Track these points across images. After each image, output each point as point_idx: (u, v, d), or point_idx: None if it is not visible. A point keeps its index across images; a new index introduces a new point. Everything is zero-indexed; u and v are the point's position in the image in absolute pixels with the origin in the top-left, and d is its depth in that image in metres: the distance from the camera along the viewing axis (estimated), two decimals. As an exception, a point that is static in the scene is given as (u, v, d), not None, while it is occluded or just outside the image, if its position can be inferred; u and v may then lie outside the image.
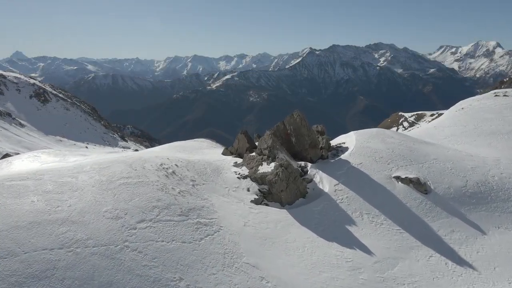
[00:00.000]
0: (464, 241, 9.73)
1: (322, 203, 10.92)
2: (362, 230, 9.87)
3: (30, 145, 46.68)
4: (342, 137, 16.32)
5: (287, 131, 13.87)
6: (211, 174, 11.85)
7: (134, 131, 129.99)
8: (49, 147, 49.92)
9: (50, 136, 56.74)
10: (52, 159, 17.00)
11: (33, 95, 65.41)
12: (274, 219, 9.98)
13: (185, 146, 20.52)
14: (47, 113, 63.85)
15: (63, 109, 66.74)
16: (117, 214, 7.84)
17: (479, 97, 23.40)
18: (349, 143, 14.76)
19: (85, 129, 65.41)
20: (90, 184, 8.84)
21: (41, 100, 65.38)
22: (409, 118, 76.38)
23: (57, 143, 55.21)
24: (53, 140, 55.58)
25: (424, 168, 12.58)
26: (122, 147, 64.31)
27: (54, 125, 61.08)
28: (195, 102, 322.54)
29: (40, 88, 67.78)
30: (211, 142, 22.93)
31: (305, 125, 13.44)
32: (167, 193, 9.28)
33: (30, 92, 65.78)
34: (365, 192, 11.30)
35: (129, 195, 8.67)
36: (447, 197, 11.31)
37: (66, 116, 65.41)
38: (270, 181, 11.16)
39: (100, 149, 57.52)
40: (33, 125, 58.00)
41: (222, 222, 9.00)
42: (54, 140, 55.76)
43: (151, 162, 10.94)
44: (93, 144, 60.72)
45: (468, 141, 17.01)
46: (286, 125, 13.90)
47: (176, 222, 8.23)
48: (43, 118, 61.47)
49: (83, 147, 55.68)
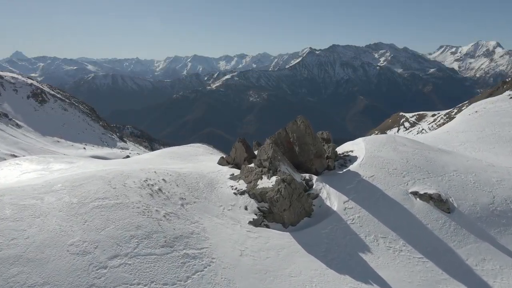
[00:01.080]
0: (498, 272, 8.32)
1: (330, 224, 9.51)
2: (379, 259, 8.46)
3: (26, 146, 45.39)
4: (349, 144, 14.91)
5: (290, 139, 12.45)
6: (204, 189, 10.44)
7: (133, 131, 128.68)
8: (46, 148, 48.56)
9: (47, 137, 55.37)
10: (34, 167, 15.57)
11: (31, 96, 64.01)
12: (275, 245, 8.56)
13: (179, 153, 19.11)
14: (44, 113, 62.46)
15: (61, 110, 65.36)
16: (84, 248, 6.43)
17: (493, 99, 21.99)
18: (357, 152, 13.35)
19: (83, 129, 64.03)
20: (57, 208, 7.42)
21: (39, 101, 63.99)
22: (410, 119, 75.05)
23: (54, 144, 53.88)
24: (50, 141, 54.23)
25: (444, 181, 11.17)
26: (121, 148, 63.00)
27: (51, 125, 59.70)
28: (195, 102, 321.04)
29: (37, 88, 66.39)
30: (207, 147, 21.54)
31: (310, 133, 12.02)
32: (149, 217, 7.86)
33: (27, 92, 64.38)
34: (379, 211, 9.89)
35: (103, 221, 7.26)
36: (473, 217, 9.90)
37: (64, 117, 64.03)
38: (271, 198, 9.75)
39: (98, 150, 56.19)
40: (30, 126, 56.62)
41: (214, 252, 7.59)
42: (51, 141, 54.41)
43: (134, 177, 9.52)
44: (91, 145, 59.40)
45: (487, 148, 15.61)
46: (289, 132, 12.48)
47: (158, 256, 6.82)
48: (40, 119, 60.10)
49: (81, 148, 54.40)
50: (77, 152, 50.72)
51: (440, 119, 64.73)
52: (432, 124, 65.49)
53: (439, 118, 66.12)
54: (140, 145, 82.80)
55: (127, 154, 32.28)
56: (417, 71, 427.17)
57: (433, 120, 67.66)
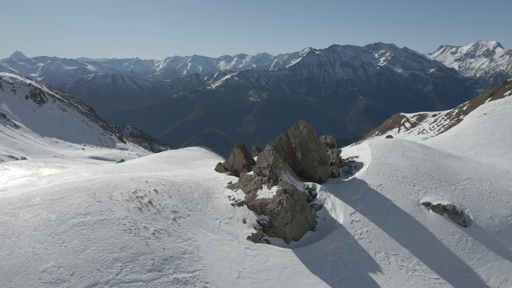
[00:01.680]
0: (523, 295, 7.52)
1: (336, 239, 8.71)
2: (391, 280, 7.65)
3: (24, 147, 44.64)
4: (355, 149, 14.10)
5: (291, 144, 11.65)
6: (199, 200, 9.64)
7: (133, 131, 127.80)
8: (44, 149, 47.74)
9: (45, 137, 54.60)
10: (22, 173, 14.83)
11: (29, 96, 63.21)
12: (277, 264, 7.76)
13: (176, 157, 18.31)
14: (43, 114, 61.68)
15: (60, 110, 64.55)
16: (59, 275, 5.63)
17: (501, 101, 21.18)
18: (363, 157, 12.54)
19: (82, 130, 63.26)
20: (32, 226, 6.62)
21: (37, 101, 63.18)
22: (411, 119, 74.14)
23: (52, 144, 53.14)
24: (48, 142, 53.46)
25: (458, 191, 10.36)
26: (120, 149, 62.23)
27: (50, 126, 58.96)
28: (195, 102, 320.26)
29: (36, 89, 65.58)
30: (205, 151, 20.73)
31: (313, 139, 11.22)
32: (136, 235, 7.06)
33: (26, 92, 63.58)
34: (389, 224, 9.09)
35: (83, 242, 6.46)
36: (491, 231, 9.09)
37: (62, 117, 63.24)
38: (272, 211, 8.94)
39: (97, 150, 55.39)
40: (28, 126, 55.85)
41: (208, 275, 6.79)
42: (49, 142, 53.65)
43: (122, 188, 8.72)
44: (90, 145, 58.69)
45: (498, 153, 14.81)
46: (290, 137, 11.67)
47: (144, 283, 6.01)
48: (39, 119, 59.34)
49: (80, 149, 53.66)
50: (76, 152, 49.94)
51: (441, 119, 63.91)
52: (433, 124, 64.66)
53: (440, 118, 65.28)
54: (140, 145, 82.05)
55: (122, 158, 31.28)
56: (417, 71, 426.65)
57: (434, 120, 66.80)
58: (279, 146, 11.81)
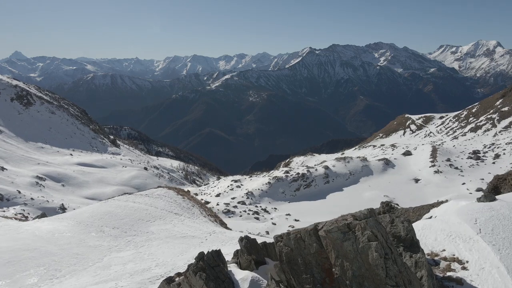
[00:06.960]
0: None
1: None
2: None
3: (4, 154, 41.92)
4: (439, 221, 6.78)
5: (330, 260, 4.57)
6: None
7: (131, 132, 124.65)
8: (27, 156, 45.20)
9: (30, 142, 51.85)
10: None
11: (15, 98, 60.52)
12: None
13: (121, 215, 12.56)
14: (29, 117, 59.02)
15: (48, 113, 61.93)
16: None
17: None
18: (474, 263, 5.57)
19: (71, 134, 60.62)
20: None
21: (24, 103, 60.55)
22: (417, 121, 71.68)
23: (37, 150, 50.42)
24: (33, 147, 50.71)
25: None
26: (112, 154, 59.66)
27: (36, 130, 56.22)
28: (194, 102, 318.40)
29: (23, 90, 62.97)
30: (174, 194, 14.66)
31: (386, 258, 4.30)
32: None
33: (11, 94, 60.90)
34: None
35: None
36: None
37: (50, 120, 60.57)
38: None
39: (86, 156, 52.80)
40: (12, 130, 53.11)
41: None
42: (34, 147, 50.90)
43: None
44: (79, 150, 55.97)
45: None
46: (328, 245, 4.66)
47: None
48: (24, 123, 56.65)
49: (68, 155, 51.01)
50: (63, 159, 47.41)
51: (449, 121, 61.55)
52: (440, 127, 62.28)
53: (447, 120, 62.93)
54: (136, 148, 79.28)
55: (44, 212, 22.99)
56: (417, 71, 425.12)
57: (441, 122, 64.44)
58: (296, 255, 4.99)
